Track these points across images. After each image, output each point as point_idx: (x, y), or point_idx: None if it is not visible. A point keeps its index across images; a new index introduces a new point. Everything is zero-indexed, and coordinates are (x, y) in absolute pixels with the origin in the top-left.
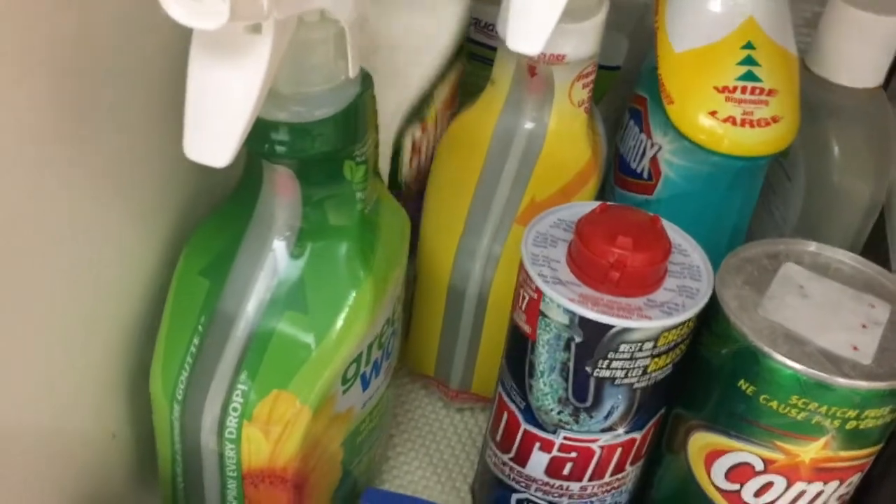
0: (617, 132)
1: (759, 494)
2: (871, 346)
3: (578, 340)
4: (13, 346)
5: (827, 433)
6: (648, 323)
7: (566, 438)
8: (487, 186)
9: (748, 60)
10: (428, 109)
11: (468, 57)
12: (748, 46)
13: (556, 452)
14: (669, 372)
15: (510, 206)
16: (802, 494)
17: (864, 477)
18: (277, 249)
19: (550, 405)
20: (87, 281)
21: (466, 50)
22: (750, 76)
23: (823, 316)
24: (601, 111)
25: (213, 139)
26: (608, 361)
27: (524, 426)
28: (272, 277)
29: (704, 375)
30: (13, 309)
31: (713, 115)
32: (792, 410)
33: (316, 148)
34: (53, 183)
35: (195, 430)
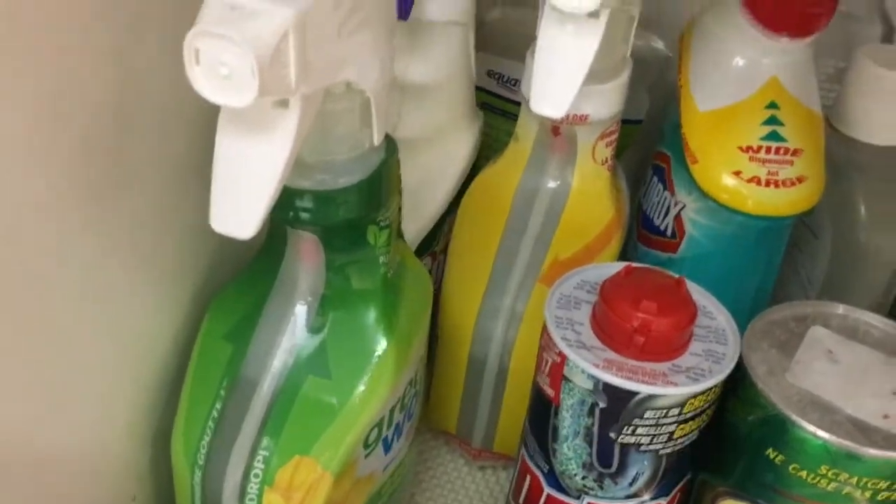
0: (639, 187)
1: None
2: None
3: (603, 406)
4: (36, 408)
5: None
6: (674, 390)
7: None
8: (510, 245)
9: (772, 120)
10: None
11: (488, 110)
12: (772, 106)
13: None
14: (695, 437)
15: (533, 265)
16: None
17: None
18: (300, 314)
19: (574, 470)
20: (109, 343)
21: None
22: (774, 136)
23: (853, 382)
24: (623, 164)
25: (238, 211)
26: (633, 427)
27: (547, 490)
28: (295, 342)
29: (731, 442)
30: (36, 370)
31: (737, 175)
32: (822, 481)
33: (340, 215)
34: (79, 244)
35: (216, 494)
